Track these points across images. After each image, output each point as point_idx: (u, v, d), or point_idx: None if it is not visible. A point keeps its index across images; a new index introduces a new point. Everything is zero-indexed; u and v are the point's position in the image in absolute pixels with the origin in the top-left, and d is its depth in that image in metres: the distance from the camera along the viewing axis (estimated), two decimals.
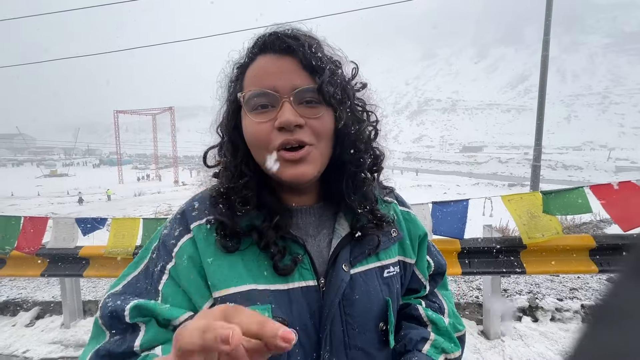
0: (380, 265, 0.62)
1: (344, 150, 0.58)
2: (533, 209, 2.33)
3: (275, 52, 0.55)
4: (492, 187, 38.77)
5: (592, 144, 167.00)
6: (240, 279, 0.54)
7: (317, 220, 0.63)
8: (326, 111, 0.55)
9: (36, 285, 4.03)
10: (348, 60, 0.62)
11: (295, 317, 0.54)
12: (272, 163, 0.54)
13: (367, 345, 0.58)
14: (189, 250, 0.56)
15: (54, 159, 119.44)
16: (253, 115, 0.55)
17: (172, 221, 0.61)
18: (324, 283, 0.57)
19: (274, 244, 0.56)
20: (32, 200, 30.32)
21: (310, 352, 0.55)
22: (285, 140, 0.53)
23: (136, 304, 0.51)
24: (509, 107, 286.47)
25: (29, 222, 3.11)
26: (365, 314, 0.58)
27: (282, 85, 0.53)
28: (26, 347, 3.00)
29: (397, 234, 0.66)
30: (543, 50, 6.20)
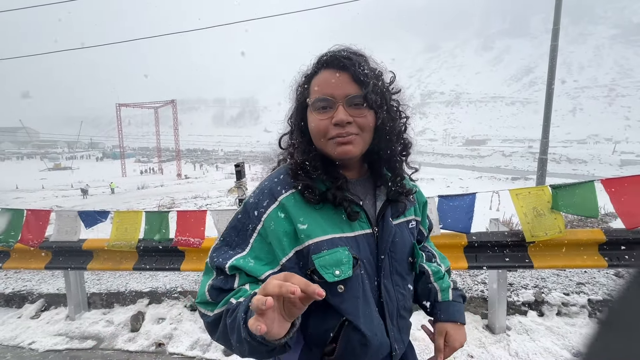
0: (406, 220, 0.91)
1: (381, 139, 0.82)
2: (540, 205, 2.28)
3: (334, 68, 0.78)
4: (495, 180, 38.51)
5: (597, 137, 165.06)
6: (325, 231, 0.77)
7: (362, 188, 0.87)
8: (369, 112, 0.78)
9: (41, 277, 4.05)
10: (387, 70, 0.85)
11: (362, 254, 0.79)
12: (329, 146, 0.79)
13: (402, 271, 0.87)
14: (276, 217, 0.78)
15: (58, 153, 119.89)
16: (316, 113, 0.79)
17: (258, 195, 0.82)
18: (377, 230, 0.83)
19: (344, 200, 0.79)
20: (37, 193, 30.53)
21: (372, 276, 0.82)
22: (338, 133, 0.77)
23: (233, 264, 0.75)
24: (514, 100, 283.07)
25: (32, 215, 3.10)
26: (402, 251, 0.86)
27: (338, 93, 0.76)
28: (32, 338, 3.02)
29: (413, 199, 0.95)
30: (552, 40, 6.03)
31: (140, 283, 3.72)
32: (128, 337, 2.97)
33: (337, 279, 0.73)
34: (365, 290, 0.78)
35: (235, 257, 0.76)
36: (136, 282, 3.77)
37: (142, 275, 3.91)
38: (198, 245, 2.82)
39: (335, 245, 0.76)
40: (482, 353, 2.40)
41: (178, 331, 2.93)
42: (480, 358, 2.36)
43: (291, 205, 0.79)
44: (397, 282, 0.85)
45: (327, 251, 0.75)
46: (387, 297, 0.83)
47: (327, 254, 0.74)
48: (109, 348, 2.86)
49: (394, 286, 0.84)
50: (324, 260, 0.74)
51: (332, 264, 0.74)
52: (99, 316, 3.33)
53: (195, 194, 23.95)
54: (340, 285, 0.75)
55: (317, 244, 0.75)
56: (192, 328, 2.95)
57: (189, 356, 2.68)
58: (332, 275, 0.73)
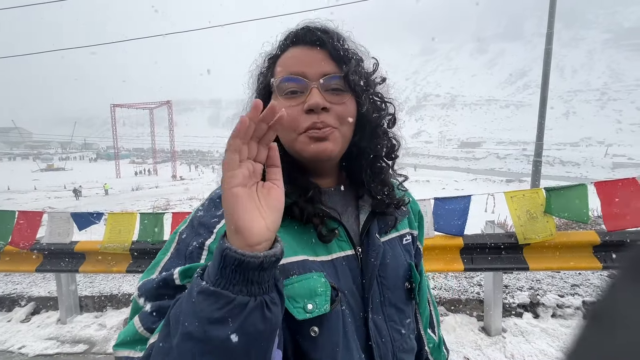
0: (399, 234, 0.72)
1: (364, 135, 0.65)
2: (533, 208, 2.29)
3: (307, 44, 0.61)
4: (490, 182, 38.85)
5: (589, 140, 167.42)
6: (294, 251, 0.58)
7: (342, 199, 0.69)
8: (350, 98, 0.61)
9: (32, 280, 3.98)
10: (369, 55, 0.68)
11: (342, 283, 0.60)
12: (299, 142, 0.60)
13: (398, 301, 0.67)
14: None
15: (51, 153, 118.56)
16: (284, 99, 0.60)
17: (209, 204, 0.62)
18: (360, 252, 0.65)
19: (314, 216, 0.61)
20: (29, 194, 30.13)
21: (357, 312, 0.62)
22: (313, 123, 0.58)
23: (185, 267, 0.51)
24: (508, 102, 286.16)
25: (23, 217, 3.05)
26: (395, 275, 0.67)
27: (311, 72, 0.59)
28: (22, 343, 2.96)
29: (406, 209, 0.75)
30: (546, 43, 6.10)
31: (134, 285, 3.67)
32: None
33: (309, 315, 0.53)
34: (347, 333, 0.58)
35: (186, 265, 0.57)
36: (129, 284, 3.72)
37: (136, 277, 3.86)
38: None
39: (307, 270, 0.57)
40: (478, 355, 2.41)
41: None
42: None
43: None
44: (392, 316, 0.65)
45: (297, 277, 0.56)
46: (378, 337, 0.63)
47: (296, 281, 0.55)
48: (101, 352, 2.81)
49: (387, 322, 0.65)
50: (292, 289, 0.54)
51: (303, 294, 0.54)
52: (91, 320, 3.27)
53: (190, 195, 23.82)
54: (314, 327, 0.54)
55: (283, 267, 0.55)
56: None
57: None
58: (302, 311, 0.53)
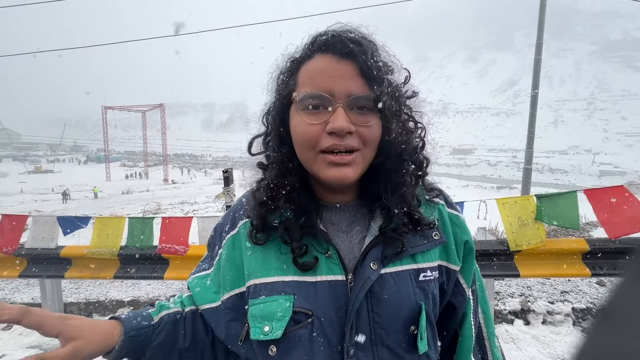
0: (417, 268, 0.60)
1: (389, 158, 0.59)
2: (524, 215, 2.32)
3: (336, 54, 0.55)
4: (482, 189, 39.33)
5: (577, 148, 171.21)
6: (269, 271, 0.59)
7: (351, 217, 0.63)
8: (376, 120, 0.56)
9: (15, 286, 3.86)
10: (402, 67, 0.61)
11: (320, 307, 0.56)
12: (317, 163, 0.57)
13: (395, 346, 0.58)
14: (230, 246, 0.66)
15: (39, 155, 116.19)
16: (305, 114, 0.56)
17: (226, 216, 0.72)
18: (351, 278, 0.58)
19: (295, 241, 0.58)
20: (15, 197, 29.42)
21: (334, 343, 0.56)
22: (334, 145, 0.54)
23: (189, 282, 0.71)
24: (499, 110, 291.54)
25: (6, 220, 2.97)
26: (395, 315, 0.57)
27: (338, 89, 0.54)
28: (2, 351, 2.86)
29: (439, 237, 0.63)
30: (536, 54, 6.26)
31: (122, 292, 3.59)
32: None
33: (264, 337, 0.55)
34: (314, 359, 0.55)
35: (200, 273, 0.71)
36: (117, 290, 3.63)
37: (124, 283, 3.78)
38: (183, 253, 2.74)
39: (276, 292, 0.57)
40: None
41: None
42: None
43: (244, 234, 0.64)
44: (384, 358, 0.57)
45: (264, 298, 0.57)
46: None
47: (262, 302, 0.57)
48: None
49: None
50: (257, 309, 0.57)
51: (264, 316, 0.56)
52: None
53: (182, 200, 23.53)
54: (272, 346, 0.56)
55: (257, 286, 0.59)
56: None
57: None
58: (259, 332, 0.56)
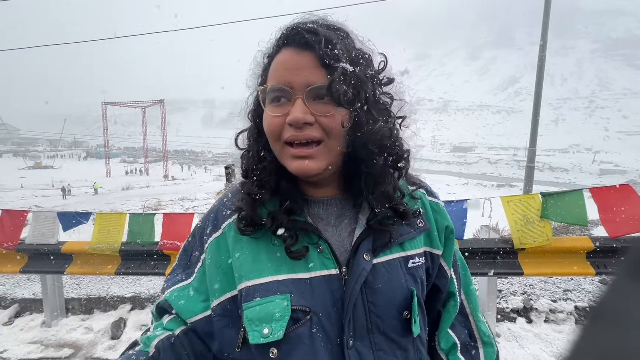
0: (405, 255, 0.62)
1: (357, 148, 0.58)
2: (530, 213, 2.31)
3: (295, 46, 0.56)
4: (481, 187, 39.37)
5: (578, 146, 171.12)
6: (262, 272, 0.58)
7: (338, 210, 0.64)
8: (336, 109, 0.55)
9: (16, 281, 3.85)
10: (377, 52, 0.60)
11: (317, 304, 0.57)
12: (284, 156, 0.59)
13: (390, 331, 0.60)
14: (215, 249, 0.63)
15: (39, 151, 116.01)
16: (269, 108, 0.58)
17: (206, 218, 0.68)
18: (345, 271, 0.59)
19: (285, 228, 0.58)
20: (15, 192, 29.42)
21: (333, 337, 0.57)
22: (293, 136, 0.55)
23: (167, 297, 0.66)
24: (499, 108, 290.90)
25: (7, 216, 2.95)
26: (389, 302, 0.59)
27: (297, 81, 0.55)
28: (3, 347, 2.85)
29: (423, 224, 0.65)
30: (540, 51, 6.22)
31: (123, 288, 3.59)
32: (108, 344, 2.84)
33: (264, 340, 0.54)
34: (317, 356, 0.55)
35: (176, 286, 0.66)
36: (118, 286, 3.63)
37: (125, 279, 3.77)
38: None
39: (271, 292, 0.56)
40: None
41: None
42: None
43: (231, 236, 0.62)
44: (380, 344, 0.59)
45: (259, 300, 0.56)
46: None
47: (258, 304, 0.56)
48: (88, 357, 2.72)
49: (375, 351, 0.58)
50: (253, 312, 0.56)
51: (261, 318, 0.55)
52: (78, 322, 3.18)
53: (182, 196, 23.55)
54: (273, 348, 0.55)
55: (249, 288, 0.57)
56: None
57: None
58: (258, 335, 0.55)
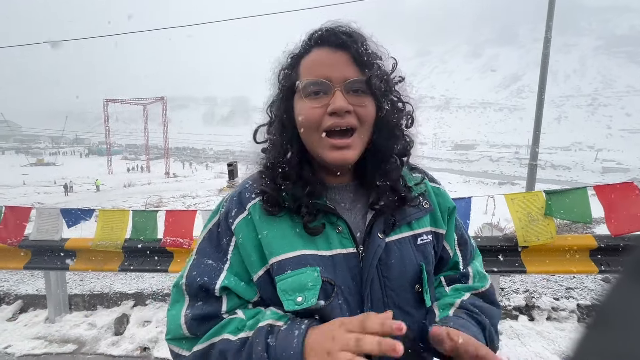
0: (413, 234, 0.70)
1: (382, 135, 0.68)
2: (534, 210, 2.30)
3: (331, 46, 0.64)
4: (483, 185, 39.29)
5: (580, 144, 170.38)
6: (292, 246, 0.64)
7: (353, 195, 0.72)
8: (370, 101, 0.64)
9: (19, 277, 3.87)
10: (389, 55, 0.70)
11: (339, 278, 0.63)
12: (321, 147, 0.65)
13: (404, 304, 0.66)
14: (244, 228, 0.67)
15: (41, 148, 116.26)
16: (308, 100, 0.64)
17: (230, 201, 0.71)
18: (362, 250, 0.66)
19: (305, 206, 0.65)
20: (18, 189, 29.55)
21: (354, 308, 0.64)
22: (335, 123, 0.62)
23: (224, 284, 0.64)
24: (502, 106, 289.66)
25: (10, 212, 2.96)
26: (401, 277, 0.66)
27: (335, 76, 0.63)
28: (8, 342, 2.87)
29: (428, 205, 0.73)
30: (544, 48, 6.18)
31: (126, 284, 3.60)
32: (111, 340, 2.85)
33: (298, 307, 0.59)
34: None
35: (222, 274, 0.65)
36: (121, 283, 3.64)
37: (128, 276, 3.79)
38: (188, 246, 2.73)
39: (302, 265, 0.62)
40: None
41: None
42: None
43: (257, 216, 0.67)
44: (396, 317, 0.62)
45: (291, 272, 0.61)
46: None
47: (290, 276, 0.61)
48: (91, 352, 2.74)
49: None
50: (286, 283, 0.61)
51: (294, 288, 0.60)
52: (81, 319, 3.20)
53: (183, 193, 23.59)
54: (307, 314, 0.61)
55: (280, 262, 0.63)
56: None
57: None
58: (292, 303, 0.60)
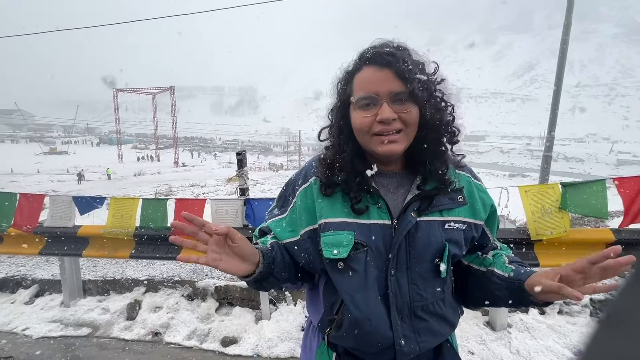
0: (442, 220, 0.84)
1: (428, 133, 0.81)
2: (548, 203, 2.23)
3: (377, 64, 0.78)
4: (493, 176, 38.69)
5: (595, 136, 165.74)
6: (336, 214, 0.84)
7: (398, 182, 0.88)
8: (413, 107, 0.78)
9: (35, 263, 3.98)
10: (430, 60, 0.83)
11: (372, 241, 0.81)
12: (372, 143, 0.81)
13: (423, 271, 0.82)
14: (303, 196, 0.90)
15: (53, 137, 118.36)
16: (360, 111, 0.80)
17: (298, 174, 0.95)
18: (396, 223, 0.82)
19: (353, 191, 0.83)
20: (32, 177, 30.24)
21: (381, 266, 0.82)
22: (383, 129, 0.78)
23: (268, 225, 0.96)
24: (514, 96, 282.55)
25: (25, 200, 3.02)
26: (424, 249, 0.81)
27: (382, 90, 0.77)
28: (26, 324, 2.97)
29: (463, 200, 0.86)
30: (563, 34, 5.90)
31: (137, 271, 3.67)
32: (124, 325, 2.92)
33: (333, 257, 0.80)
34: (368, 275, 0.81)
35: (274, 219, 0.94)
36: (133, 270, 3.71)
37: (139, 263, 3.86)
38: None
39: (341, 229, 0.82)
40: (483, 350, 2.39)
41: (175, 320, 2.89)
42: (481, 354, 2.34)
43: (315, 186, 0.88)
44: (415, 280, 0.82)
45: (333, 232, 0.82)
46: (397, 290, 0.81)
47: (331, 235, 0.82)
48: (105, 336, 2.81)
49: (410, 284, 0.82)
50: (328, 239, 0.82)
51: (333, 243, 0.81)
52: (95, 303, 3.28)
53: (192, 182, 23.84)
54: (340, 262, 0.81)
55: (326, 224, 0.84)
56: (189, 318, 2.91)
57: (186, 346, 2.65)
58: (330, 253, 0.81)
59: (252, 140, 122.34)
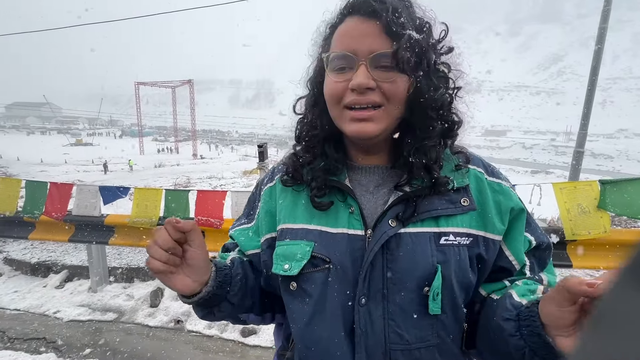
0: (438, 231, 0.60)
1: (414, 114, 0.60)
2: (586, 202, 2.10)
3: (361, 15, 0.58)
4: (514, 173, 37.35)
5: (626, 132, 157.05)
6: (296, 219, 0.67)
7: (379, 179, 0.66)
8: (400, 76, 0.57)
9: (65, 249, 4.16)
10: (438, 21, 0.61)
11: (336, 256, 0.61)
12: (342, 119, 0.61)
13: (405, 303, 0.59)
14: (267, 196, 0.74)
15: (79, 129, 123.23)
16: (332, 74, 0.60)
17: (267, 173, 0.80)
18: (370, 234, 0.61)
19: (314, 180, 0.65)
20: (60, 167, 31.63)
21: (347, 290, 0.61)
22: (355, 100, 0.58)
23: (231, 233, 0.79)
24: (539, 89, 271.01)
25: (54, 188, 3.13)
26: (407, 272, 0.58)
27: (361, 48, 0.57)
28: (57, 307, 3.11)
29: (468, 204, 0.62)
30: (601, 22, 5.52)
31: None
32: (148, 312, 3.01)
33: (283, 273, 0.63)
34: (328, 303, 0.61)
35: (239, 227, 0.78)
36: None
37: None
38: (218, 226, 2.78)
39: (298, 237, 0.64)
40: None
41: None
42: None
43: (279, 185, 0.72)
44: (394, 315, 0.59)
45: (288, 241, 0.65)
46: (368, 326, 0.59)
47: (286, 244, 0.65)
48: (130, 322, 2.91)
49: (387, 319, 0.58)
50: (281, 249, 0.65)
51: (286, 255, 0.64)
52: (120, 290, 3.39)
53: (209, 174, 24.27)
54: (293, 282, 0.64)
55: (283, 231, 0.67)
56: None
57: (207, 335, 2.70)
58: (280, 268, 0.64)
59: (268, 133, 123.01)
